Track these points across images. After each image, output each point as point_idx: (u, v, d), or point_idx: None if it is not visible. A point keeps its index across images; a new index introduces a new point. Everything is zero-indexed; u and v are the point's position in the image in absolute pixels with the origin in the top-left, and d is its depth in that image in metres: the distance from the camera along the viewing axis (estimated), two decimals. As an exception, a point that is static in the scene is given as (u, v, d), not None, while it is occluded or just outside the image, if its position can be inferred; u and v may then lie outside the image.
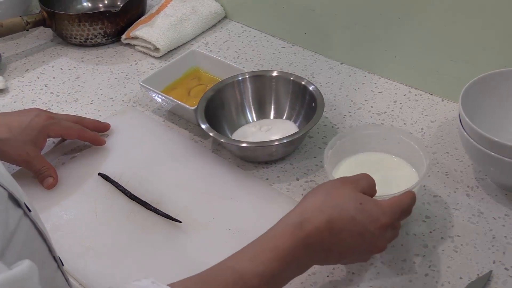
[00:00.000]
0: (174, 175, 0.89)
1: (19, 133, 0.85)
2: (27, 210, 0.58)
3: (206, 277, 0.58)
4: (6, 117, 0.87)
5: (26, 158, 0.86)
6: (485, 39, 0.89)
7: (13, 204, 0.56)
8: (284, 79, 0.96)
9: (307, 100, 0.92)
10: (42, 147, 0.89)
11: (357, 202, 0.64)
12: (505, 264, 0.72)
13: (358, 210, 0.64)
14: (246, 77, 0.97)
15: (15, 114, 0.89)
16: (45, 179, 0.88)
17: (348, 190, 0.66)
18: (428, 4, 0.93)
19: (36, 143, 0.87)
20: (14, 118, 0.87)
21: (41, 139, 0.88)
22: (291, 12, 1.13)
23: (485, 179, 0.84)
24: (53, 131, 0.89)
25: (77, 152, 0.95)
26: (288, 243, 0.60)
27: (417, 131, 0.93)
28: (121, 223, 0.83)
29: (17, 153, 0.85)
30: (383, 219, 0.65)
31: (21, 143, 0.85)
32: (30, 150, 0.86)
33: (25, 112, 0.90)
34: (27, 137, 0.85)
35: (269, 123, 0.96)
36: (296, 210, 0.65)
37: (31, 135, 0.86)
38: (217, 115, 0.93)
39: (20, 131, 0.85)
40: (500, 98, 0.84)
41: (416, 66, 1.00)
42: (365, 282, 0.72)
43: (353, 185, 0.67)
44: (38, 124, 0.87)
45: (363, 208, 0.64)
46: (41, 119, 0.88)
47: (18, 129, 0.85)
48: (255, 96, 0.97)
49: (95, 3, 1.33)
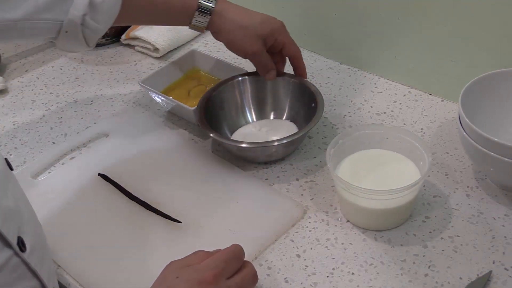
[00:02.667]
0: (174, 175, 0.89)
1: (257, 24, 0.89)
2: (20, 250, 0.57)
3: None
4: (249, 10, 0.92)
5: (256, 50, 0.89)
6: (485, 39, 0.89)
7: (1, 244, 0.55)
8: (284, 79, 0.96)
9: (307, 100, 0.92)
10: (268, 46, 0.91)
11: (174, 277, 0.63)
12: (504, 264, 0.72)
13: (177, 282, 0.63)
14: (246, 77, 0.97)
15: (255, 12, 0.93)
16: (269, 71, 0.92)
17: (166, 273, 0.65)
18: (428, 5, 0.93)
19: (266, 39, 0.90)
20: (255, 13, 0.91)
21: (271, 39, 0.91)
22: (290, 12, 1.13)
23: (485, 179, 0.84)
24: (281, 35, 0.91)
25: (77, 153, 0.95)
26: None
27: (417, 131, 0.93)
28: (121, 223, 0.83)
29: (250, 42, 0.89)
30: (208, 276, 0.63)
31: (255, 35, 0.89)
32: (260, 43, 0.89)
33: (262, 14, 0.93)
34: (261, 31, 0.89)
35: (269, 124, 0.96)
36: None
37: (266, 30, 0.89)
38: (217, 116, 0.93)
39: (258, 23, 0.89)
40: (500, 98, 0.84)
41: (416, 67, 1.00)
42: (365, 282, 0.72)
43: (176, 265, 0.66)
44: (272, 23, 0.91)
45: (181, 279, 0.63)
46: (275, 22, 0.91)
47: (257, 22, 0.89)
48: (255, 96, 0.97)
49: (95, 3, 1.32)
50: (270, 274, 0.74)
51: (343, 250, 0.76)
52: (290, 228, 0.80)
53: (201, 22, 0.89)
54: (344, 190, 0.77)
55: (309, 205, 0.83)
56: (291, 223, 0.80)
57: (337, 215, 0.81)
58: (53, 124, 1.03)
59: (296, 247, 0.77)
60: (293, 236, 0.79)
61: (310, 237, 0.78)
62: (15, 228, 0.57)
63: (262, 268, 0.75)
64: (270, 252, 0.77)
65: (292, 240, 0.78)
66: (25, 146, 0.98)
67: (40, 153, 0.96)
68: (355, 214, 0.79)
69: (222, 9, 0.88)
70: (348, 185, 0.74)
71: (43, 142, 0.99)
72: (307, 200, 0.84)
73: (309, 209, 0.82)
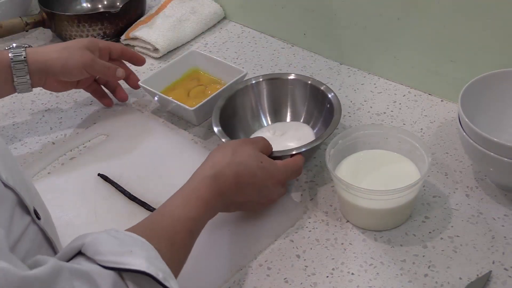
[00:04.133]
0: (174, 175, 0.89)
1: (72, 44, 0.93)
2: (36, 217, 0.58)
3: (151, 224, 0.66)
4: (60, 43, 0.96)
5: (87, 60, 0.92)
6: (484, 39, 0.89)
7: (21, 210, 0.56)
8: (300, 83, 0.95)
9: (323, 104, 0.91)
10: (97, 55, 0.95)
11: (258, 161, 0.75)
12: (504, 265, 0.72)
13: (259, 167, 0.75)
14: (261, 80, 0.96)
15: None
16: (115, 71, 0.96)
17: (250, 149, 0.76)
18: (427, 5, 0.93)
19: (90, 48, 0.94)
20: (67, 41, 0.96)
21: (93, 48, 0.95)
22: (290, 13, 1.13)
23: (485, 180, 0.84)
24: (100, 42, 0.97)
25: (77, 153, 0.95)
26: (208, 193, 0.70)
27: (417, 131, 0.93)
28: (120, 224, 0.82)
29: (77, 58, 0.92)
30: (278, 176, 0.77)
31: (77, 49, 0.92)
32: (87, 53, 0.93)
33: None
34: (80, 44, 0.93)
35: (284, 127, 0.95)
36: (208, 164, 0.73)
37: (83, 43, 0.94)
38: (231, 120, 0.92)
39: (72, 43, 0.94)
40: (499, 98, 0.84)
41: (416, 67, 1.00)
42: (364, 283, 0.72)
43: (254, 145, 0.77)
44: (84, 39, 0.96)
45: (263, 166, 0.75)
46: (85, 38, 0.98)
47: (70, 43, 0.94)
48: (270, 100, 0.96)
49: (95, 3, 1.33)
50: (270, 274, 0.74)
51: (343, 250, 0.76)
52: (290, 228, 0.80)
53: (21, 73, 0.89)
54: (344, 190, 0.77)
55: (309, 205, 0.83)
56: (291, 223, 0.80)
57: (337, 215, 0.81)
58: (53, 124, 1.03)
59: (296, 247, 0.77)
60: (293, 236, 0.79)
61: (310, 237, 0.78)
62: (29, 198, 0.59)
63: (262, 268, 0.75)
64: (270, 252, 0.77)
65: (292, 240, 0.78)
66: (25, 146, 0.98)
67: (40, 153, 0.96)
68: (355, 214, 0.79)
69: (35, 52, 0.90)
70: (348, 185, 0.74)
71: (43, 142, 0.99)
72: (307, 200, 0.84)
73: (309, 209, 0.82)
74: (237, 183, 0.72)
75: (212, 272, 0.75)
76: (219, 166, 0.72)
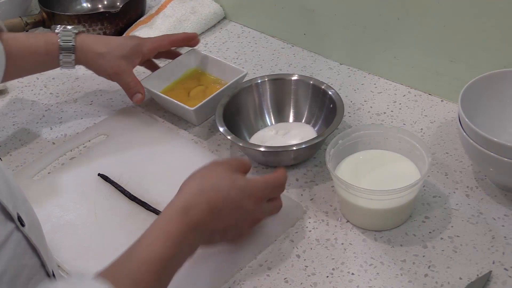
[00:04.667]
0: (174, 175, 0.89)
1: (114, 48, 0.95)
2: (20, 224, 0.58)
3: (118, 267, 0.62)
4: (104, 36, 0.99)
5: (117, 70, 0.95)
6: (484, 39, 0.89)
7: (4, 217, 0.56)
8: (303, 83, 0.95)
9: (325, 104, 0.92)
10: (135, 64, 0.98)
11: (231, 181, 0.70)
12: (504, 265, 0.72)
13: (232, 188, 0.69)
14: (266, 79, 0.96)
15: (112, 36, 1.03)
16: (134, 94, 0.97)
17: (221, 171, 0.71)
18: (427, 5, 0.93)
19: (128, 58, 0.96)
20: (111, 37, 0.99)
21: (134, 56, 0.97)
22: (290, 13, 1.13)
23: (485, 180, 0.84)
24: (145, 47, 0.98)
25: (77, 153, 0.95)
26: (179, 229, 0.65)
27: (417, 131, 0.93)
28: (120, 224, 0.83)
29: (110, 65, 0.95)
30: (257, 194, 0.72)
31: (114, 57, 0.95)
32: (122, 64, 0.95)
33: (120, 36, 1.03)
34: (120, 52, 0.95)
35: (287, 127, 0.95)
36: (179, 197, 0.69)
37: (125, 51, 0.96)
38: (234, 118, 0.93)
39: (115, 46, 0.95)
40: (500, 98, 0.84)
41: (416, 67, 1.00)
42: (364, 283, 0.72)
43: (225, 166, 0.73)
44: (131, 42, 0.97)
45: (236, 185, 0.70)
46: (133, 39, 0.99)
47: (114, 45, 0.96)
48: (274, 100, 0.97)
49: (95, 3, 1.33)
50: (270, 274, 0.74)
51: (343, 250, 0.76)
52: (289, 228, 0.80)
53: (68, 61, 0.94)
54: (344, 190, 0.77)
55: (309, 205, 0.83)
56: (291, 223, 0.80)
57: (337, 215, 0.81)
58: (53, 124, 1.03)
59: (296, 247, 0.77)
60: (293, 236, 0.79)
61: (310, 237, 0.78)
62: (13, 204, 0.58)
63: (262, 268, 0.75)
64: (270, 252, 0.77)
65: (292, 240, 0.78)
66: (25, 146, 0.98)
67: (40, 153, 0.96)
68: (355, 214, 0.79)
69: (81, 44, 0.94)
70: (348, 185, 0.74)
71: (43, 142, 0.99)
72: (307, 200, 0.84)
73: (309, 209, 0.82)
74: (211, 210, 0.67)
75: (212, 272, 0.75)
76: (188, 197, 0.68)
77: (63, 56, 0.94)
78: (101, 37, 0.98)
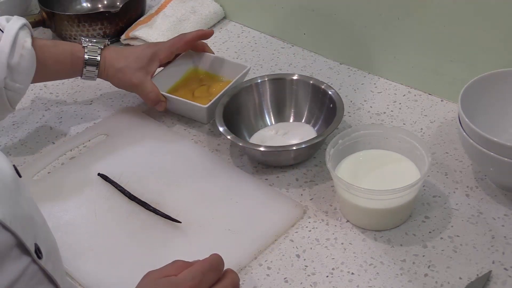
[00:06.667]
0: (174, 175, 0.90)
1: (132, 61, 0.97)
2: (37, 257, 0.57)
3: None
4: (125, 50, 1.01)
5: (135, 82, 0.97)
6: (484, 39, 0.89)
7: (20, 252, 0.55)
8: (303, 83, 0.95)
9: (325, 103, 0.92)
10: (152, 72, 0.99)
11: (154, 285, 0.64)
12: (504, 264, 0.73)
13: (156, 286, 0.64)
14: (266, 79, 0.96)
15: (132, 47, 1.05)
16: (155, 104, 0.98)
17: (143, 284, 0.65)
18: (427, 5, 0.93)
19: (145, 69, 0.98)
20: (130, 50, 1.01)
21: (151, 66, 0.99)
22: (290, 13, 1.13)
23: (485, 179, 0.84)
24: (162, 52, 1.00)
25: (77, 153, 0.95)
26: None
27: (417, 131, 0.93)
28: (120, 223, 0.83)
29: (128, 78, 0.97)
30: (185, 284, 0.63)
31: (132, 70, 0.97)
32: (139, 76, 0.97)
33: (139, 46, 1.05)
34: (138, 65, 0.97)
35: (287, 127, 0.95)
36: None
37: (143, 62, 0.98)
38: (234, 117, 0.93)
39: (133, 59, 0.98)
40: (499, 98, 0.84)
41: (416, 66, 1.00)
42: (364, 282, 0.72)
43: (153, 276, 0.66)
44: (149, 51, 0.99)
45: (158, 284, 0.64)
46: (150, 48, 1.00)
47: (132, 59, 0.98)
48: (274, 99, 0.96)
49: (95, 3, 1.33)
50: (270, 274, 0.74)
51: (342, 250, 0.76)
52: (289, 228, 0.80)
53: (91, 75, 0.98)
54: (344, 190, 0.77)
55: (308, 205, 0.83)
56: (291, 223, 0.80)
57: (336, 215, 0.81)
58: (53, 124, 1.03)
59: (296, 247, 0.77)
60: (293, 236, 0.79)
61: (309, 237, 0.78)
62: (32, 236, 0.57)
63: (262, 268, 0.75)
64: (269, 252, 0.77)
65: (291, 240, 0.78)
66: (25, 146, 0.98)
67: (40, 153, 0.96)
68: (355, 214, 0.79)
69: (104, 60, 0.97)
70: (348, 185, 0.74)
71: (43, 142, 0.99)
72: (307, 200, 0.84)
73: (309, 209, 0.82)
74: None
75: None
76: None
77: (86, 70, 0.96)
78: (122, 51, 1.00)
